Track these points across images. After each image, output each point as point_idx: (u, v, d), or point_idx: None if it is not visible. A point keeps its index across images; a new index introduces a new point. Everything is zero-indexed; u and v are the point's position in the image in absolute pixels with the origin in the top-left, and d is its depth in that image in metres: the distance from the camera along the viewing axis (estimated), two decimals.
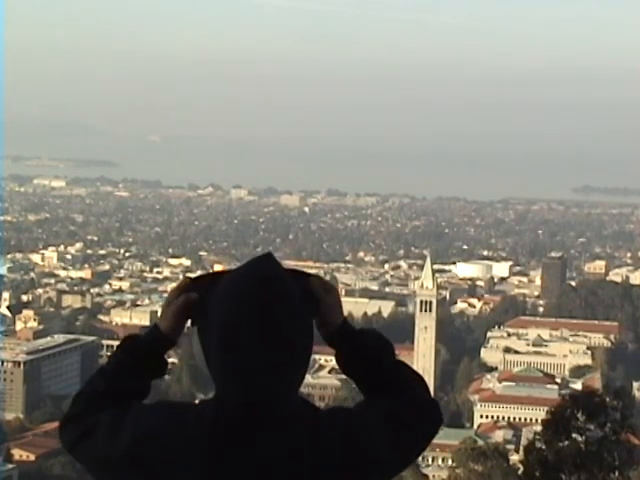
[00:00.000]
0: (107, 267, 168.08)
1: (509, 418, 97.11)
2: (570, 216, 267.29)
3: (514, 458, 47.00)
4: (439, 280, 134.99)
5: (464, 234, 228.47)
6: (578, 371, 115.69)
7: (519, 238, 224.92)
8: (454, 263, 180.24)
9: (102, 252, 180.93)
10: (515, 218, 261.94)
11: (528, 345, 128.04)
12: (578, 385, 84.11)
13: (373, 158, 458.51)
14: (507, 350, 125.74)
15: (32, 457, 76.97)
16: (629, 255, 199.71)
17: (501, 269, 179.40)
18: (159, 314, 2.70)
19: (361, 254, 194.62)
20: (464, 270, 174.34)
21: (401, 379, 2.67)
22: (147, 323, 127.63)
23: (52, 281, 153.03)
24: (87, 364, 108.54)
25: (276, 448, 2.46)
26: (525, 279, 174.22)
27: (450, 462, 50.11)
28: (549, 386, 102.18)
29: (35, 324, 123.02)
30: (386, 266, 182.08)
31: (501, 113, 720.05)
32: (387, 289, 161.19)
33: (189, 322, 2.65)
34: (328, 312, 2.65)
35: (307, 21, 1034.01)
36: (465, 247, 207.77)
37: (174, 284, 2.56)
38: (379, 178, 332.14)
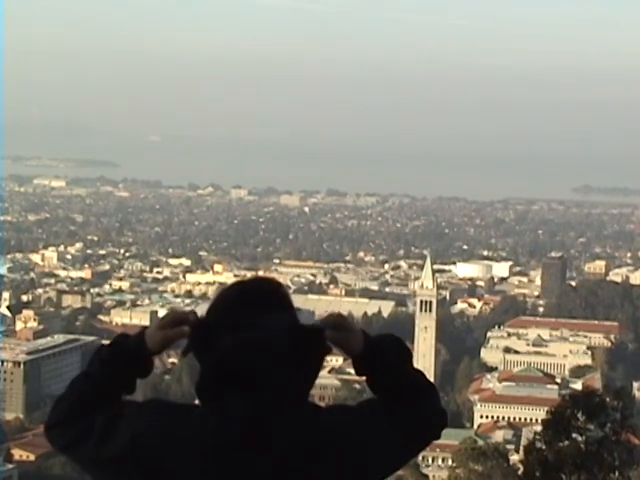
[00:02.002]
0: (107, 267, 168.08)
1: (509, 418, 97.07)
2: (570, 216, 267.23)
3: (514, 458, 46.94)
4: (439, 280, 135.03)
5: (464, 234, 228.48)
6: (578, 371, 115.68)
7: (519, 238, 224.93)
8: (454, 263, 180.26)
9: (102, 252, 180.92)
10: (515, 218, 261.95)
11: (528, 345, 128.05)
12: (578, 385, 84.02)
13: (373, 158, 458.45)
14: (507, 350, 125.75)
15: (32, 457, 76.94)
16: (629, 255, 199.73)
17: (501, 269, 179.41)
18: (152, 328, 2.74)
19: (361, 254, 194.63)
20: (464, 270, 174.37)
21: (415, 385, 2.74)
22: (147, 323, 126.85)
23: (52, 281, 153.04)
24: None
25: (279, 449, 2.51)
26: (525, 279, 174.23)
27: (450, 462, 50.15)
28: (549, 386, 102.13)
29: (35, 324, 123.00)
30: (386, 266, 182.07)
31: (501, 113, 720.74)
32: (387, 289, 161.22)
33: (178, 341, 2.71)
34: (346, 345, 2.72)
35: (307, 21, 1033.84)
36: (465, 247, 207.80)
37: (174, 311, 2.68)
38: (379, 178, 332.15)
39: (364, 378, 2.79)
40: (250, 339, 2.55)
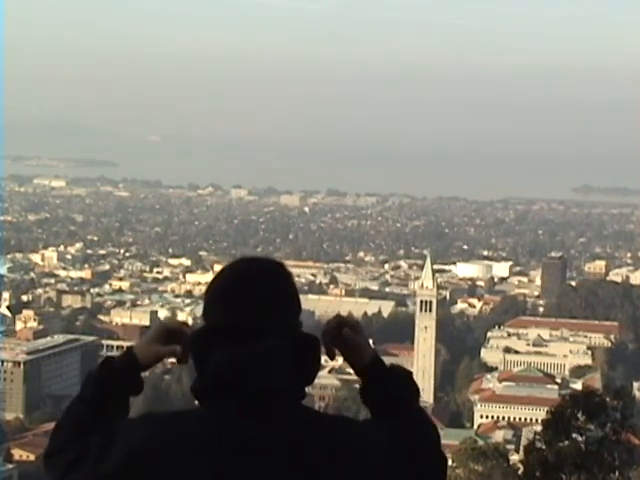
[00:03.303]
0: (107, 267, 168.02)
1: (509, 418, 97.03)
2: (570, 216, 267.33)
3: (514, 458, 46.89)
4: (439, 280, 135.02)
5: (464, 234, 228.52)
6: (578, 371, 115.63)
7: (519, 238, 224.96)
8: (454, 263, 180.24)
9: (102, 252, 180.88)
10: (515, 218, 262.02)
11: (528, 345, 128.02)
12: (578, 385, 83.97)
13: (373, 158, 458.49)
14: (507, 350, 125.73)
15: (32, 457, 76.73)
16: (629, 255, 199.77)
17: (501, 269, 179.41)
18: (143, 341, 2.74)
19: (361, 254, 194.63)
20: (464, 270, 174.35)
21: (419, 425, 2.74)
22: (147, 323, 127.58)
23: (52, 281, 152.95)
24: (87, 364, 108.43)
25: (277, 449, 2.50)
26: (525, 279, 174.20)
27: (450, 462, 50.06)
28: (549, 386, 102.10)
29: (35, 324, 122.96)
30: (386, 266, 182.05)
31: (501, 113, 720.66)
32: (387, 289, 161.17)
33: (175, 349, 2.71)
34: (358, 350, 2.76)
35: (307, 21, 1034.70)
36: (465, 247, 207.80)
37: (165, 323, 2.76)
38: (379, 178, 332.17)
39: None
40: (250, 356, 2.53)
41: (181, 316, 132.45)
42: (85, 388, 2.70)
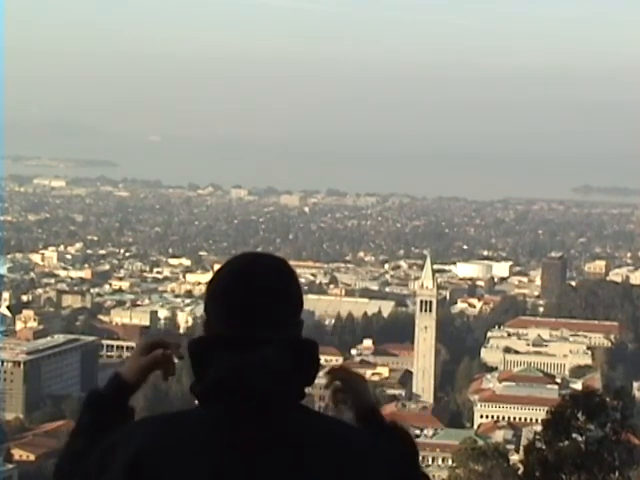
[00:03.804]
0: (107, 267, 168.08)
1: (509, 418, 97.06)
2: (570, 216, 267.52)
3: (514, 458, 46.91)
4: (439, 280, 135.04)
5: (464, 234, 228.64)
6: (578, 371, 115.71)
7: (519, 238, 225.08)
8: (454, 263, 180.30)
9: (102, 252, 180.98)
10: (515, 218, 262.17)
11: (528, 345, 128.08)
12: (578, 385, 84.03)
13: (373, 158, 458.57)
14: (507, 350, 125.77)
15: (32, 457, 76.93)
16: (629, 255, 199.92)
17: (501, 269, 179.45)
18: (130, 359, 2.75)
19: (361, 254, 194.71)
20: (464, 270, 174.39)
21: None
22: (147, 323, 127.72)
23: (52, 281, 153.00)
24: (87, 364, 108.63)
25: (277, 449, 2.48)
26: (525, 279, 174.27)
27: (450, 462, 50.13)
28: (549, 386, 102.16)
29: (35, 324, 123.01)
30: (386, 266, 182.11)
31: (501, 113, 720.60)
32: (387, 289, 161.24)
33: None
34: (358, 397, 2.88)
35: (307, 21, 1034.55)
36: (465, 247, 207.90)
37: (152, 336, 2.77)
38: (379, 178, 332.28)
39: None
40: (250, 365, 2.50)
41: (181, 316, 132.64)
42: (80, 420, 2.72)
